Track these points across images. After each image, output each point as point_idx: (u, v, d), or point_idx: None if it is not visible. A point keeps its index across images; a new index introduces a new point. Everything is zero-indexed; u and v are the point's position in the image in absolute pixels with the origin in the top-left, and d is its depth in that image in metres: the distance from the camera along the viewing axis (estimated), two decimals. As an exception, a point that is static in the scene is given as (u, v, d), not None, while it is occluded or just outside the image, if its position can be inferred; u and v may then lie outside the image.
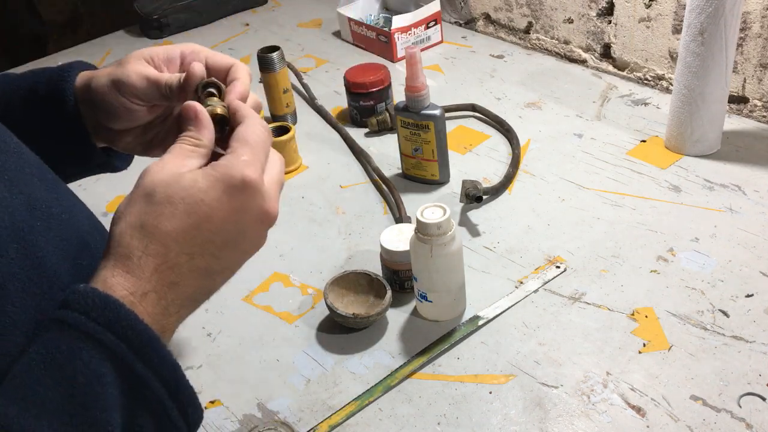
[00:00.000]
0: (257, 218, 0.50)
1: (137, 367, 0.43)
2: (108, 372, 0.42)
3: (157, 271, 0.46)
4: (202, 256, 0.48)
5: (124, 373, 0.43)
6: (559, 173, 1.04)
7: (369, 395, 0.75)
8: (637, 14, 1.19)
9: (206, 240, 0.47)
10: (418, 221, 0.77)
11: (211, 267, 0.48)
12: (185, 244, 0.47)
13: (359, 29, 1.46)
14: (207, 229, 0.47)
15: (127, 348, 0.43)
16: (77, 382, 0.41)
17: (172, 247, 0.46)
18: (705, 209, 0.93)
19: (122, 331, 0.43)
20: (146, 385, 0.44)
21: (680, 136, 1.02)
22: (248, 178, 0.48)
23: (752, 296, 0.80)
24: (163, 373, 0.45)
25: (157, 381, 0.44)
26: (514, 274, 0.88)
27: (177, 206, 0.47)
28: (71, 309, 0.43)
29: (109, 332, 0.43)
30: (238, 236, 0.49)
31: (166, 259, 0.46)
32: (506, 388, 0.74)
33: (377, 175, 1.07)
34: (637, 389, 0.72)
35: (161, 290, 0.46)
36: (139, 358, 0.43)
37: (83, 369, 0.42)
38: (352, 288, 0.85)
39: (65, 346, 0.42)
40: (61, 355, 0.42)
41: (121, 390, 0.43)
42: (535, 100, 1.22)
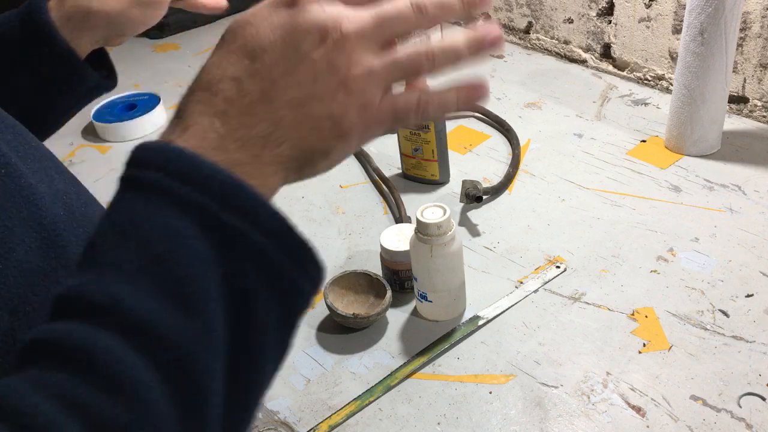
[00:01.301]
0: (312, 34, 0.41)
1: (227, 217, 0.37)
2: (189, 227, 0.37)
3: (200, 101, 0.41)
4: (252, 79, 0.41)
5: (210, 226, 0.37)
6: (559, 173, 1.04)
7: (369, 395, 0.75)
8: (637, 14, 1.19)
9: (253, 59, 0.41)
10: (418, 221, 0.77)
11: (267, 92, 0.41)
12: (229, 67, 0.41)
13: (359, 29, 1.45)
14: (252, 48, 0.41)
15: (210, 199, 0.37)
16: (154, 241, 0.37)
17: (215, 74, 0.41)
18: (705, 209, 0.93)
19: (201, 181, 0.38)
20: (243, 236, 0.38)
21: (680, 136, 1.02)
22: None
23: (752, 296, 0.80)
24: (263, 222, 0.38)
25: (258, 232, 0.38)
26: (514, 274, 0.88)
27: (225, 36, 0.42)
28: (142, 166, 0.39)
29: (187, 185, 0.37)
30: (291, 54, 0.41)
31: (209, 86, 0.41)
32: (506, 388, 0.74)
33: (377, 175, 1.07)
34: (637, 389, 0.72)
35: (206, 120, 0.40)
36: (228, 208, 0.38)
37: (161, 226, 0.37)
38: (352, 288, 0.85)
39: (140, 207, 0.38)
40: (135, 215, 0.38)
41: (210, 245, 0.37)
42: (535, 100, 1.22)
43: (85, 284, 0.36)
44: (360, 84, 0.42)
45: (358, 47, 0.41)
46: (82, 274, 0.37)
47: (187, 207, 0.37)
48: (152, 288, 0.36)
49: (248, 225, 0.38)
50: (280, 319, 0.39)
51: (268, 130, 0.41)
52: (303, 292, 0.40)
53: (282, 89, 0.41)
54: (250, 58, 0.41)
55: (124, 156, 0.40)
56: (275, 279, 0.39)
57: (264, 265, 0.38)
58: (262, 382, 0.41)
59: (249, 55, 0.41)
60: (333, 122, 0.42)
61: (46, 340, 0.35)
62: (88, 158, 1.21)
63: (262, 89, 0.40)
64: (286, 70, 0.41)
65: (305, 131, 0.42)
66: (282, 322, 0.40)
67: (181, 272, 0.36)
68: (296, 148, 0.42)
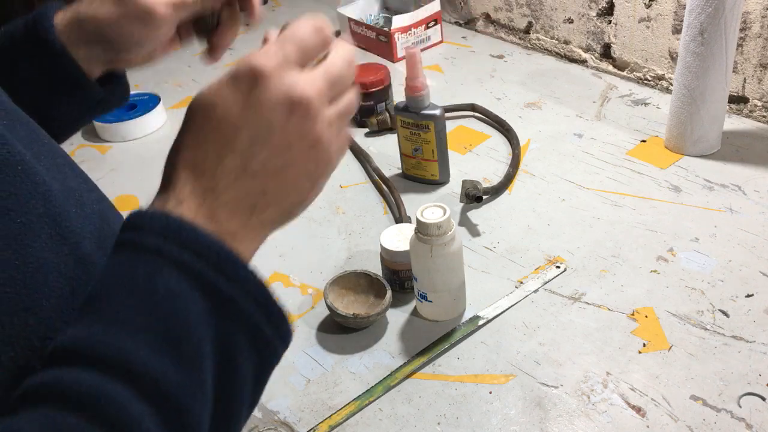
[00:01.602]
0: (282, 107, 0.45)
1: (221, 283, 0.42)
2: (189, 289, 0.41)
3: (188, 179, 0.44)
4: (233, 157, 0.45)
5: (206, 290, 0.42)
6: (559, 173, 1.04)
7: (369, 395, 0.75)
8: (637, 14, 1.19)
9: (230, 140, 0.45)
10: (418, 221, 0.77)
11: (249, 167, 0.45)
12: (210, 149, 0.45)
13: (359, 29, 1.46)
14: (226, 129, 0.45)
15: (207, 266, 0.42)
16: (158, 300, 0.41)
17: (197, 155, 0.45)
18: (705, 209, 0.93)
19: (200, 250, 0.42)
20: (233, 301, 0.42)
21: (680, 136, 1.02)
22: (256, 66, 0.45)
23: (752, 296, 0.80)
24: (250, 289, 0.43)
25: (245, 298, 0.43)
26: (514, 274, 0.88)
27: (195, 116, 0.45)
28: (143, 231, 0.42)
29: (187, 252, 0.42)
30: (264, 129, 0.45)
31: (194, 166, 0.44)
32: (506, 388, 0.74)
33: (377, 175, 1.07)
34: (637, 389, 0.72)
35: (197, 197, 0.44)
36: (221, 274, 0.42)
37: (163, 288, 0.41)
38: (352, 288, 0.85)
39: (142, 268, 0.41)
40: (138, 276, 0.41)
41: (206, 308, 0.42)
42: (535, 100, 1.22)
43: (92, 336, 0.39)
44: (326, 137, 0.47)
45: (321, 108, 0.46)
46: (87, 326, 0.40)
47: (186, 272, 0.41)
48: (155, 344, 0.40)
49: (239, 293, 0.43)
50: (256, 374, 0.45)
51: (254, 200, 0.45)
52: (277, 353, 0.46)
53: (261, 162, 0.45)
54: (227, 138, 0.45)
55: (123, 155, 0.41)
56: (257, 341, 0.44)
57: (249, 329, 0.43)
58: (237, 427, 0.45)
59: (225, 135, 0.45)
60: (310, 178, 0.48)
61: (54, 385, 0.37)
62: (88, 158, 1.21)
63: (244, 165, 0.45)
64: (262, 144, 0.45)
65: (287, 193, 0.47)
66: (258, 377, 0.45)
67: (181, 331, 0.40)
68: (280, 210, 0.47)
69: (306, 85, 0.45)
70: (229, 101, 0.45)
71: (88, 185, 0.55)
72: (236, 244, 0.44)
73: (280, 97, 0.45)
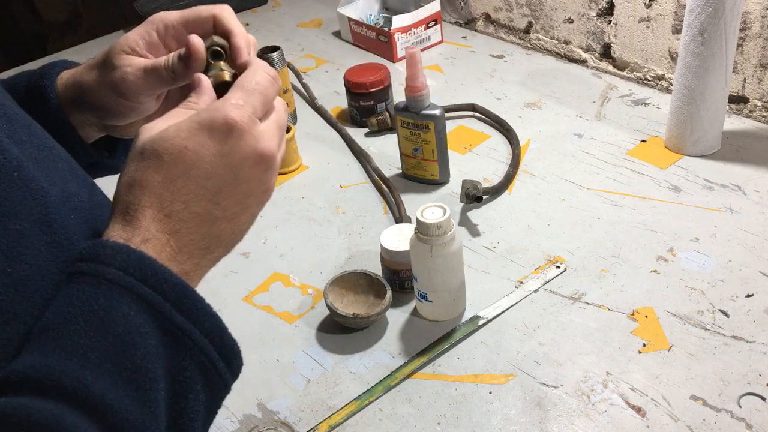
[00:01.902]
0: (250, 160, 0.48)
1: (177, 318, 0.44)
2: (146, 323, 0.43)
3: (155, 219, 0.46)
4: (199, 203, 0.47)
5: (163, 324, 0.43)
6: (559, 173, 1.04)
7: (369, 395, 0.75)
8: (637, 14, 1.19)
9: (198, 186, 0.47)
10: (418, 221, 0.77)
11: (212, 213, 0.48)
12: (177, 192, 0.47)
13: (359, 29, 1.46)
14: (196, 176, 0.47)
15: (164, 300, 0.44)
16: (116, 331, 0.42)
17: (165, 196, 0.46)
18: (705, 209, 0.93)
19: (158, 284, 0.44)
20: (188, 336, 0.44)
21: (680, 136, 1.02)
22: (232, 120, 0.47)
23: (752, 296, 0.80)
24: (204, 325, 0.45)
25: (199, 332, 0.45)
26: (514, 274, 0.88)
27: (163, 157, 0.46)
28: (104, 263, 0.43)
29: (146, 286, 0.43)
30: (232, 180, 0.48)
31: (161, 207, 0.46)
32: (506, 388, 0.74)
33: (377, 175, 1.07)
34: (637, 389, 0.72)
35: (162, 237, 0.46)
36: (178, 310, 0.44)
37: (122, 320, 0.42)
38: (352, 288, 0.85)
39: (102, 300, 0.42)
40: (98, 307, 0.42)
41: (162, 341, 0.43)
42: (535, 100, 1.22)
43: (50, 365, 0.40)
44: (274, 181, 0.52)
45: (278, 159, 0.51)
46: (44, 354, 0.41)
47: (145, 305, 0.43)
48: (113, 375, 0.41)
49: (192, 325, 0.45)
50: (207, 405, 0.46)
51: (209, 243, 0.48)
52: (227, 385, 0.47)
53: (223, 209, 0.48)
54: (198, 184, 0.47)
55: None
56: (208, 373, 0.45)
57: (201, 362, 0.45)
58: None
59: (196, 181, 0.47)
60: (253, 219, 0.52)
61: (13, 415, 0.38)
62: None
63: (208, 211, 0.48)
64: (228, 192, 0.48)
65: (236, 235, 0.51)
66: (208, 408, 0.46)
67: (138, 363, 0.42)
68: (224, 248, 0.50)
69: (270, 141, 0.49)
70: (202, 148, 0.47)
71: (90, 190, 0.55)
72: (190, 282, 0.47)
73: (249, 151, 0.48)
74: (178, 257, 0.47)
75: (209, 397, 0.46)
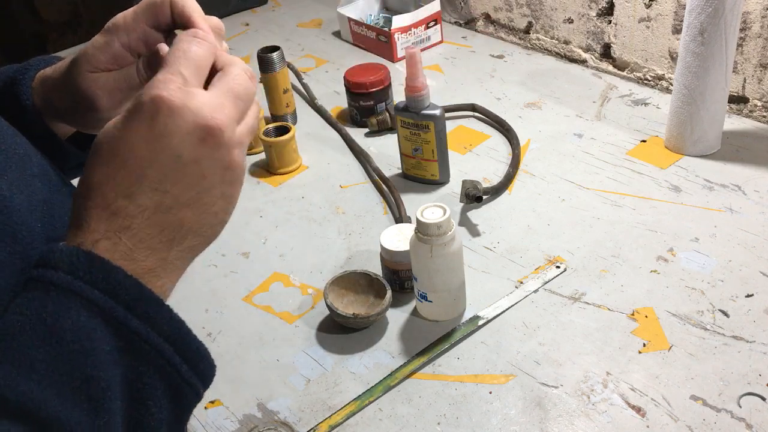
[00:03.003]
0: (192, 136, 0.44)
1: (131, 322, 0.41)
2: (98, 328, 0.41)
3: (101, 219, 0.43)
4: (144, 194, 0.43)
5: (116, 329, 0.41)
6: (559, 173, 1.04)
7: (369, 395, 0.75)
8: (637, 14, 1.19)
9: (139, 176, 0.43)
10: (418, 221, 0.77)
11: (162, 202, 0.44)
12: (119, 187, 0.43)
13: (359, 29, 1.46)
14: (134, 166, 0.43)
15: (116, 303, 0.41)
16: (65, 340, 0.40)
17: (107, 193, 0.43)
18: (705, 209, 0.93)
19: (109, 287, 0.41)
20: (145, 340, 0.42)
21: (680, 136, 1.02)
22: (157, 97, 0.43)
23: (752, 296, 0.80)
24: (163, 327, 0.42)
25: (157, 335, 0.42)
26: (514, 274, 0.88)
27: (101, 152, 0.44)
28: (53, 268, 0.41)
29: (96, 289, 0.41)
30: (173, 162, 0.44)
31: (105, 205, 0.43)
32: (506, 388, 0.74)
33: (377, 175, 1.07)
34: (637, 389, 0.72)
35: (113, 236, 0.43)
36: (133, 313, 0.41)
37: (71, 327, 0.40)
38: (352, 288, 0.85)
39: (51, 306, 0.40)
40: (47, 314, 0.40)
41: (116, 347, 0.41)
42: (535, 100, 1.22)
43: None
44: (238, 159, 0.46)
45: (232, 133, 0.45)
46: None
47: (95, 310, 0.41)
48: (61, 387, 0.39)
49: (149, 328, 0.42)
50: (173, 411, 0.44)
51: (172, 234, 0.44)
52: (196, 390, 0.45)
53: (175, 196, 0.44)
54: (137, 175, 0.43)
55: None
56: (170, 378, 0.43)
57: (160, 366, 0.42)
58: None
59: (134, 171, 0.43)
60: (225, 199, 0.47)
61: None
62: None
63: (157, 202, 0.44)
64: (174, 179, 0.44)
65: (205, 220, 0.46)
66: (175, 414, 0.44)
67: (89, 372, 0.40)
68: (200, 236, 0.46)
69: (215, 111, 0.44)
70: (134, 135, 0.43)
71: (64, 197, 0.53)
72: (155, 279, 0.44)
73: (189, 127, 0.43)
74: (136, 255, 0.43)
75: (175, 404, 0.44)
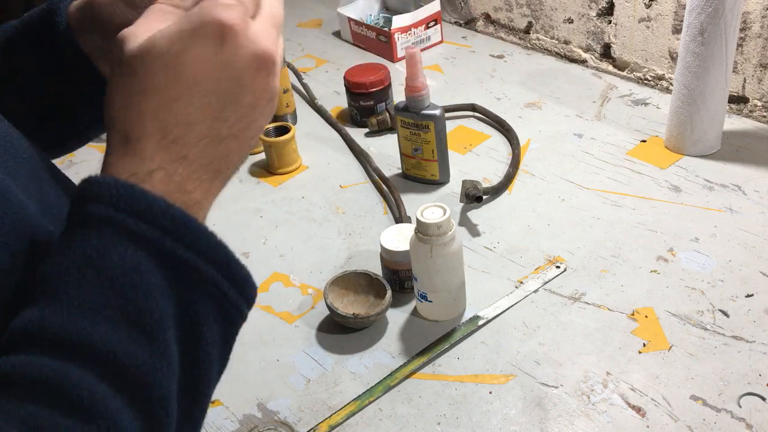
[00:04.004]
0: (251, 66, 0.43)
1: (180, 251, 0.40)
2: (145, 261, 0.40)
3: (159, 147, 0.42)
4: (205, 122, 0.43)
5: (165, 260, 0.40)
6: (559, 173, 1.04)
7: (369, 395, 0.75)
8: (637, 14, 1.19)
9: (202, 104, 0.43)
10: (418, 221, 0.77)
11: (219, 131, 0.44)
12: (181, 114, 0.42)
13: (359, 29, 1.46)
14: (198, 92, 0.43)
15: (163, 234, 0.40)
16: (114, 275, 0.39)
17: (168, 120, 0.42)
18: (705, 209, 0.93)
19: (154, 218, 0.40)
20: (195, 269, 0.41)
21: (680, 136, 1.02)
22: (227, 22, 0.42)
23: (752, 296, 0.80)
24: (209, 254, 0.42)
25: (206, 262, 0.41)
26: (514, 274, 0.88)
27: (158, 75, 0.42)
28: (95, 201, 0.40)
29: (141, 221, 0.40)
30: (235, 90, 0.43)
31: (165, 133, 0.42)
32: (506, 388, 0.74)
33: (377, 175, 1.07)
34: (637, 389, 0.72)
35: (169, 166, 0.42)
36: (180, 242, 0.41)
37: (119, 262, 0.39)
38: (352, 288, 0.85)
39: (95, 241, 0.39)
40: (92, 250, 0.39)
41: (166, 277, 0.40)
42: (535, 100, 1.22)
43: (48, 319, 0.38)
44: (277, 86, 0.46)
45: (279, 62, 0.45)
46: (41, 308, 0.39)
47: (142, 242, 0.40)
48: (114, 321, 0.38)
49: (197, 257, 0.41)
50: (223, 336, 0.44)
51: (218, 165, 0.44)
52: (242, 313, 0.45)
53: (230, 126, 0.44)
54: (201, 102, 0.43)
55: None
56: (220, 303, 0.43)
57: (212, 293, 0.42)
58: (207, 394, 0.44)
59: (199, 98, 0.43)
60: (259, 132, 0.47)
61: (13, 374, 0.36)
62: (88, 158, 1.21)
63: (214, 129, 0.43)
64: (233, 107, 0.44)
65: (243, 152, 0.46)
66: (224, 338, 0.44)
67: (141, 304, 0.39)
68: (236, 167, 0.46)
69: (268, 41, 0.44)
70: (200, 60, 0.42)
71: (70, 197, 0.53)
72: (199, 211, 0.43)
73: (248, 57, 0.43)
74: (188, 186, 0.42)
75: (223, 327, 0.43)
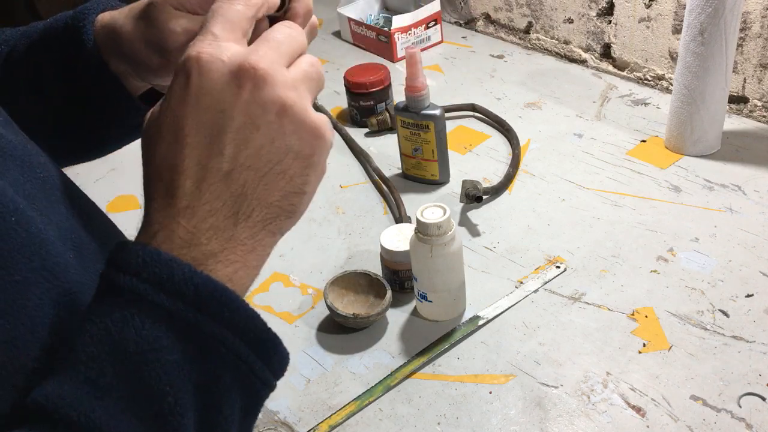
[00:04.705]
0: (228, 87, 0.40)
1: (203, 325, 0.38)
2: (164, 336, 0.37)
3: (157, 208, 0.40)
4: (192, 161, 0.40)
5: (186, 333, 0.37)
6: (559, 173, 1.04)
7: (369, 395, 0.75)
8: (637, 14, 1.19)
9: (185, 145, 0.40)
10: (418, 221, 0.77)
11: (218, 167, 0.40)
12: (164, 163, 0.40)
13: (359, 29, 1.46)
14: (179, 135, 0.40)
15: (184, 305, 0.37)
16: (128, 351, 0.37)
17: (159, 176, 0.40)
18: (705, 209, 0.93)
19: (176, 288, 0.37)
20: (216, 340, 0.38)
21: (680, 136, 1.02)
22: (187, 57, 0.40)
23: (752, 296, 0.80)
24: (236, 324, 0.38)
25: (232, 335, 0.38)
26: (514, 274, 0.88)
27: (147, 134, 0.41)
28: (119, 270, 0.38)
29: (162, 291, 0.37)
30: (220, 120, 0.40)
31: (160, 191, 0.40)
32: (506, 388, 0.74)
33: (377, 175, 1.07)
34: (637, 389, 0.72)
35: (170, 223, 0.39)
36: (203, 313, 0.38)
37: (134, 337, 0.37)
38: (352, 288, 0.85)
39: (117, 314, 0.37)
40: (112, 323, 0.37)
41: (186, 353, 0.37)
42: (535, 100, 1.22)
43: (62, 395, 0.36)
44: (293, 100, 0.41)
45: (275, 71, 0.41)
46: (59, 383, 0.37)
47: (161, 314, 0.37)
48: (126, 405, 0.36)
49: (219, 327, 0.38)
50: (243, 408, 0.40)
51: (234, 207, 0.40)
52: (269, 384, 0.41)
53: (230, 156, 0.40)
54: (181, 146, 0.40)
55: (123, 155, 0.40)
56: (244, 376, 0.39)
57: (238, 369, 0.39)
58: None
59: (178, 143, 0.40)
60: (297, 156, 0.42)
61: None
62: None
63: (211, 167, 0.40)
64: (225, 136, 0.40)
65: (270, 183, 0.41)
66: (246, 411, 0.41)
67: (156, 387, 0.37)
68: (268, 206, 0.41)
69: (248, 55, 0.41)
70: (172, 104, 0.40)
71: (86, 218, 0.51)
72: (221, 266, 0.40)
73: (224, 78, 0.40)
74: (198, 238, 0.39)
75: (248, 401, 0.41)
